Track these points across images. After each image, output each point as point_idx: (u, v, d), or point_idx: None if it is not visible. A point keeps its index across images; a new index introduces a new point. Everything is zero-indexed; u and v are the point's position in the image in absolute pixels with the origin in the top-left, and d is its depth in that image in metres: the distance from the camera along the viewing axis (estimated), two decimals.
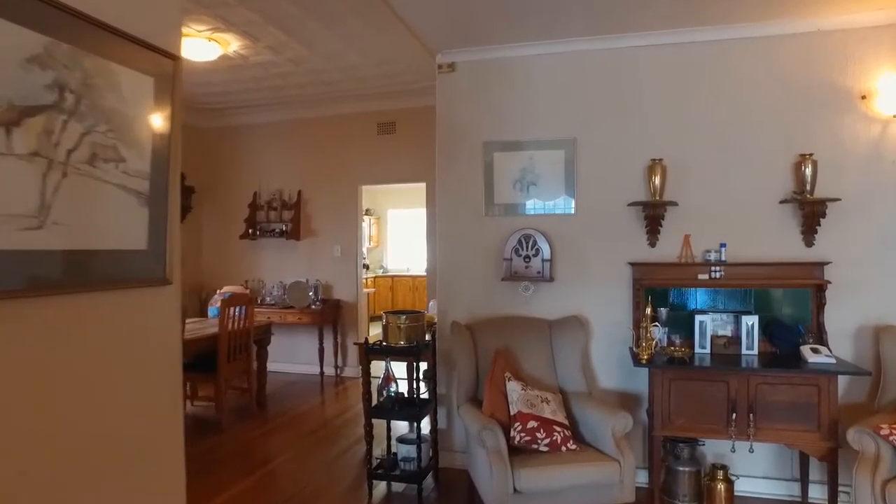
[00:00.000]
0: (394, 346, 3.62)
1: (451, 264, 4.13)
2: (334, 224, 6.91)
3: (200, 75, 5.55)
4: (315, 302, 6.64)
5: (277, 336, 7.00)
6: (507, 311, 3.97)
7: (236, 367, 5.15)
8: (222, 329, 4.88)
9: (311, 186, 6.98)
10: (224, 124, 7.24)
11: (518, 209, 3.97)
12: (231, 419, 5.19)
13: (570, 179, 3.87)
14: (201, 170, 7.23)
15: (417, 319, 3.68)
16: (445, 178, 4.14)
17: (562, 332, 3.69)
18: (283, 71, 5.47)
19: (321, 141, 6.91)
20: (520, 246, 3.85)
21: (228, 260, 7.28)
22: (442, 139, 4.14)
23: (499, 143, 3.99)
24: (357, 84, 5.95)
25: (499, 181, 4.00)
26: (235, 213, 7.12)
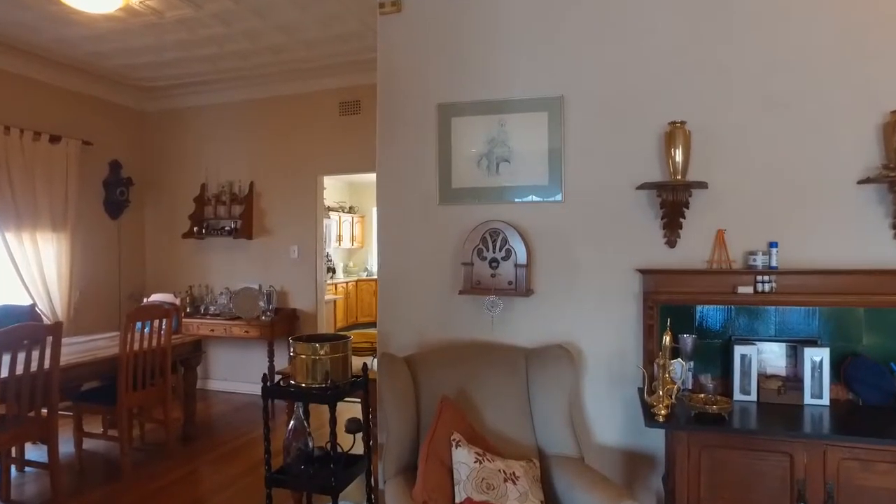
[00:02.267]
0: (304, 386, 2.56)
1: (394, 271, 3.06)
2: (291, 221, 5.87)
3: (112, 38, 4.54)
4: (266, 312, 5.59)
5: (223, 351, 6.04)
6: (467, 336, 2.90)
7: (149, 395, 4.11)
8: (122, 350, 3.85)
9: (264, 177, 5.95)
10: (166, 107, 6.23)
11: (484, 195, 2.89)
12: (142, 459, 4.16)
13: (556, 154, 2.79)
14: (142, 159, 6.24)
15: (339, 349, 2.61)
16: (387, 156, 3.07)
17: (542, 368, 2.60)
18: (212, 33, 4.45)
19: (276, 125, 5.88)
20: (484, 246, 2.77)
21: (172, 262, 6.27)
22: (384, 103, 3.07)
23: (458, 106, 2.91)
24: (309, 52, 4.91)
25: (458, 157, 2.92)
26: (182, 208, 6.11)
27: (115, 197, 5.88)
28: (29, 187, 5.00)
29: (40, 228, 5.10)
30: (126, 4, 3.87)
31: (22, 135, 4.95)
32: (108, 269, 5.89)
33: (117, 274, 6.00)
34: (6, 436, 3.23)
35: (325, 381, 2.53)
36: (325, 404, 2.49)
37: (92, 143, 5.58)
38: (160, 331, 4.13)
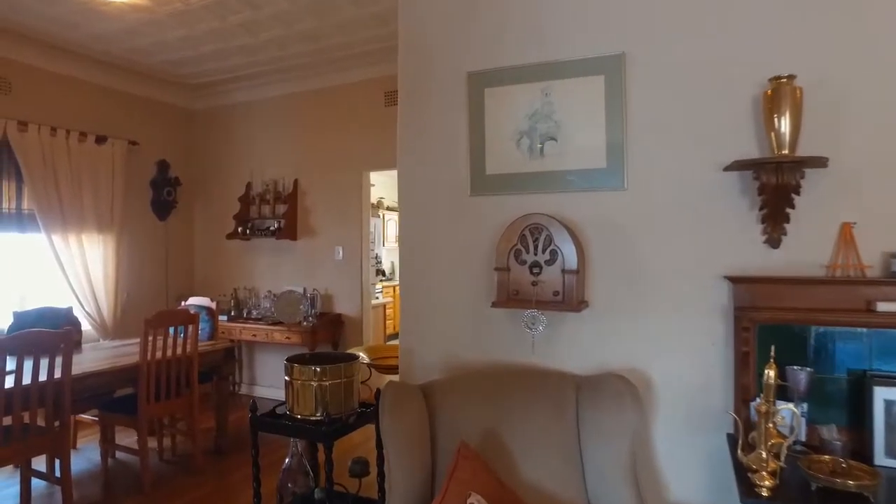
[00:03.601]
0: (300, 418, 2.11)
1: (417, 278, 2.55)
2: (336, 220, 5.51)
3: (146, 31, 4.34)
4: (308, 317, 5.26)
5: (269, 356, 5.77)
6: (502, 358, 2.34)
7: (174, 405, 3.84)
8: (142, 358, 3.58)
9: (308, 175, 5.63)
10: (212, 105, 6.06)
11: (525, 183, 2.33)
12: (169, 473, 3.90)
13: (617, 128, 2.18)
14: (189, 158, 6.10)
15: (343, 373, 2.14)
16: (410, 140, 2.57)
17: (598, 404, 2.00)
18: (242, 18, 4.13)
19: (319, 119, 5.54)
20: (523, 246, 2.20)
21: (220, 264, 6.09)
22: (405, 75, 2.57)
23: (491, 73, 2.36)
24: (345, 37, 4.51)
25: (493, 137, 2.37)
26: (228, 208, 5.91)
27: (163, 197, 5.75)
28: (75, 189, 4.92)
29: (86, 230, 5.01)
30: None
31: (68, 136, 4.87)
32: (155, 271, 5.77)
33: (164, 276, 5.87)
34: (8, 450, 3.00)
35: (323, 414, 2.06)
36: (319, 442, 2.02)
37: (138, 143, 5.46)
38: (185, 337, 3.84)
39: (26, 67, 4.66)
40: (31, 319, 4.01)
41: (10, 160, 4.53)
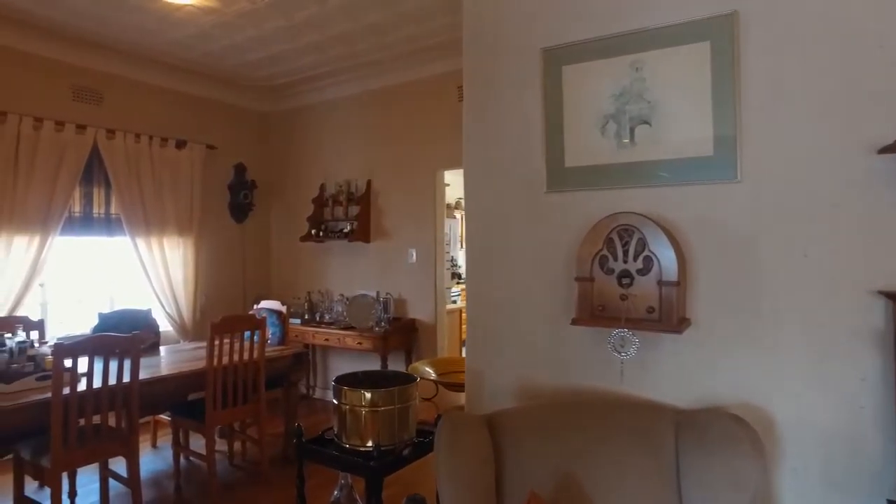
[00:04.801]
0: (348, 446, 1.86)
1: (486, 288, 2.24)
2: (409, 222, 5.30)
3: (218, 34, 4.32)
4: (380, 322, 5.08)
5: (342, 360, 5.66)
6: (584, 384, 1.98)
7: (241, 412, 3.76)
8: (209, 364, 3.51)
9: (381, 175, 5.46)
10: (286, 107, 6.05)
11: (611, 176, 1.95)
12: (237, 480, 3.83)
13: (727, 106, 1.76)
14: (265, 161, 6.13)
15: (397, 398, 1.87)
16: (477, 130, 2.26)
17: (704, 446, 1.60)
18: (308, 15, 4.00)
19: (391, 117, 5.36)
20: (610, 252, 1.83)
21: (295, 267, 6.07)
22: (470, 56, 2.27)
23: (571, 48, 2.01)
24: (414, 28, 4.27)
25: (573, 123, 2.02)
26: (303, 210, 5.87)
27: (240, 200, 5.80)
28: (157, 193, 5.02)
29: (167, 233, 5.11)
30: None
31: (151, 142, 4.98)
32: (232, 274, 5.83)
33: (242, 278, 5.93)
34: (83, 451, 3.00)
35: (374, 444, 1.80)
36: (364, 477, 1.76)
37: (216, 147, 5.53)
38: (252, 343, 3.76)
39: (114, 78, 4.81)
40: (113, 321, 4.09)
41: (99, 167, 4.68)
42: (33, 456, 2.98)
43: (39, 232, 4.24)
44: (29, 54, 4.30)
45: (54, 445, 2.83)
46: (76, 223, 4.57)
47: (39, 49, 4.33)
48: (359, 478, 1.89)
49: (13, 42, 4.20)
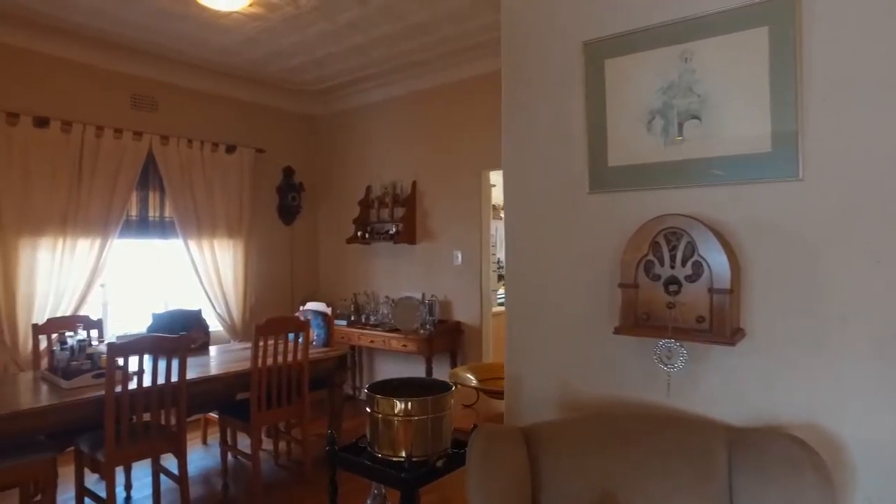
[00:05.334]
0: (380, 456, 1.82)
1: (526, 292, 2.15)
2: (454, 223, 5.25)
3: (263, 40, 4.40)
4: (425, 325, 5.05)
5: (388, 362, 5.67)
6: (628, 396, 1.87)
7: (285, 412, 3.79)
8: (253, 365, 3.56)
9: (426, 176, 5.43)
10: (333, 110, 6.11)
11: (658, 176, 1.83)
12: (282, 479, 3.89)
13: (787, 97, 1.61)
14: (312, 164, 6.22)
15: (430, 408, 1.82)
16: (515, 128, 2.18)
17: (761, 470, 1.47)
18: (349, 17, 4.01)
19: (436, 117, 5.33)
20: (656, 257, 1.71)
21: (342, 268, 6.13)
22: (509, 50, 2.19)
23: (614, 41, 1.90)
24: (456, 27, 4.21)
25: (617, 119, 1.91)
26: (350, 212, 5.91)
27: (288, 203, 5.90)
28: (208, 196, 5.16)
29: (218, 235, 5.24)
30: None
31: (202, 147, 5.12)
32: (281, 275, 5.94)
33: (290, 279, 6.03)
34: (135, 448, 3.09)
35: (406, 455, 1.75)
36: (397, 489, 1.71)
37: (265, 151, 5.64)
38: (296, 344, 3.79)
39: (168, 86, 4.98)
40: (166, 321, 4.22)
41: (154, 172, 4.85)
42: (91, 449, 3.09)
43: (100, 235, 4.43)
44: (90, 66, 4.50)
45: (107, 441, 2.93)
46: (133, 226, 4.76)
47: (100, 61, 4.53)
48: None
49: (75, 55, 4.40)
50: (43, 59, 4.27)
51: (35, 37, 4.17)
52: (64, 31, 4.21)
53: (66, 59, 4.37)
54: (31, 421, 2.77)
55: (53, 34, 4.21)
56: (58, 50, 4.31)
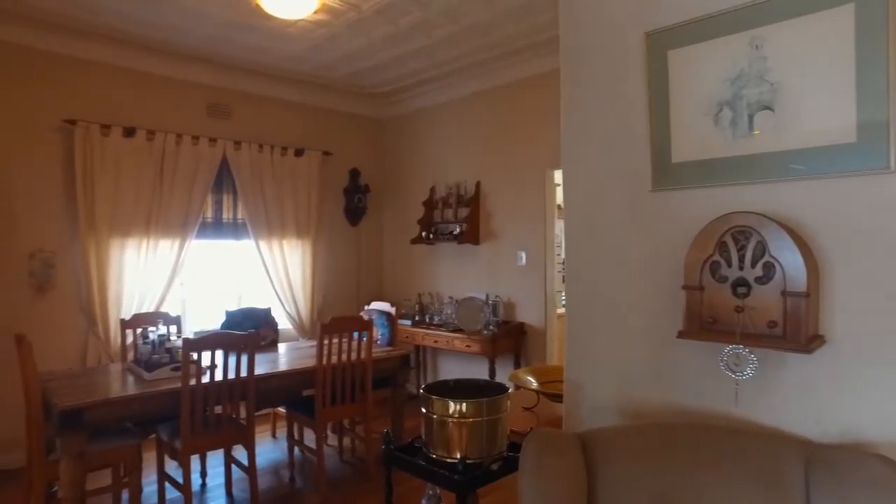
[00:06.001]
0: (435, 457, 1.82)
1: (586, 294, 2.09)
2: (518, 223, 5.19)
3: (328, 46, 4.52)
4: (489, 325, 5.02)
5: (452, 362, 5.68)
6: (692, 405, 1.76)
7: (349, 410, 3.87)
8: (319, 363, 3.66)
9: (490, 176, 5.40)
10: (398, 112, 6.20)
11: (725, 171, 1.72)
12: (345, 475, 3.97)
13: (876, 82, 1.47)
14: (378, 165, 6.34)
15: (486, 410, 1.80)
16: (574, 123, 2.12)
17: (844, 493, 1.35)
18: (412, 20, 4.05)
19: (499, 117, 5.29)
20: (723, 257, 1.61)
21: (406, 268, 6.20)
22: (567, 44, 2.13)
23: (677, 30, 1.80)
24: (517, 25, 4.16)
25: (681, 113, 1.81)
26: (414, 213, 5.98)
27: (354, 204, 6.04)
28: (278, 198, 5.36)
29: (287, 236, 5.43)
30: (323, 4, 3.71)
31: (272, 151, 5.33)
32: (347, 275, 6.08)
33: (356, 279, 6.16)
34: (208, 438, 3.25)
35: (461, 456, 1.74)
36: (451, 491, 1.69)
37: (332, 154, 5.79)
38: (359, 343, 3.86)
39: (240, 93, 5.22)
40: (237, 318, 4.42)
41: (228, 176, 5.09)
42: (169, 437, 3.28)
43: (179, 236, 4.70)
44: (171, 78, 4.79)
45: (183, 430, 3.10)
46: (208, 228, 5.01)
47: (179, 73, 4.81)
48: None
49: (157, 69, 4.70)
50: (130, 73, 4.59)
51: (124, 54, 4.49)
52: (149, 48, 4.51)
53: (149, 73, 4.67)
54: (119, 408, 2.97)
55: (139, 50, 4.51)
56: (143, 65, 4.62)
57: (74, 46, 4.29)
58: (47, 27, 4.08)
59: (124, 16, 3.95)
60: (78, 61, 4.35)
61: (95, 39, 4.31)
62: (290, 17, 3.78)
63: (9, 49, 4.06)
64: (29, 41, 4.12)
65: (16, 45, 4.09)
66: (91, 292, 4.30)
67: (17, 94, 4.12)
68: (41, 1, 3.74)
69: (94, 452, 2.97)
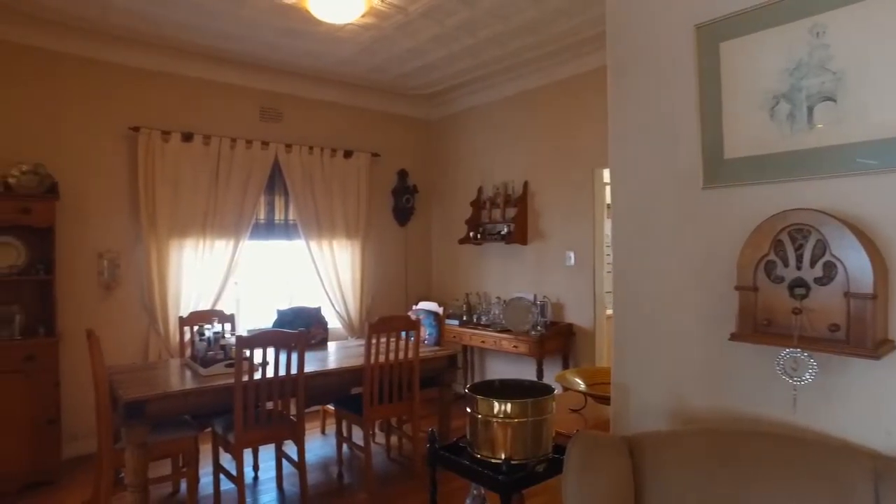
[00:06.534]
0: (479, 457, 1.81)
1: (633, 294, 2.03)
2: (566, 223, 5.12)
3: (378, 49, 4.58)
4: (536, 326, 4.97)
5: (500, 362, 5.65)
6: (746, 411, 1.69)
7: (396, 408, 3.91)
8: (367, 362, 3.71)
9: (538, 175, 5.35)
10: (445, 112, 6.22)
11: (781, 167, 1.64)
12: (393, 473, 4.01)
13: None
14: (426, 166, 6.38)
15: (531, 410, 1.78)
16: (622, 120, 2.07)
17: None
18: (459, 20, 4.05)
19: (547, 116, 5.23)
20: (779, 257, 1.53)
21: (454, 269, 6.22)
22: (615, 39, 2.08)
23: (730, 21, 1.73)
24: (568, 22, 4.10)
25: (734, 107, 1.74)
26: (462, 213, 5.99)
27: (402, 204, 6.09)
28: (327, 200, 5.48)
29: (336, 237, 5.54)
30: (370, 8, 3.76)
31: (322, 153, 5.45)
32: (396, 275, 6.14)
33: (404, 279, 6.22)
34: (260, 433, 3.35)
35: (505, 457, 1.73)
36: (495, 492, 1.68)
37: (380, 155, 5.87)
38: (408, 342, 3.89)
39: (291, 97, 5.36)
40: (289, 317, 4.53)
41: (279, 179, 5.24)
42: (223, 431, 3.40)
43: (233, 236, 4.86)
44: (226, 84, 4.97)
45: (237, 424, 3.20)
46: (261, 228, 5.17)
47: (234, 79, 4.99)
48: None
49: (214, 76, 4.88)
50: (188, 81, 4.79)
51: (182, 63, 4.69)
52: (206, 56, 4.69)
53: (205, 80, 4.87)
54: (177, 402, 3.10)
55: (196, 59, 4.70)
56: (200, 73, 4.81)
57: (139, 58, 4.51)
58: (115, 41, 4.32)
59: (187, 27, 4.13)
60: (142, 72, 4.57)
61: (158, 51, 4.52)
62: (339, 22, 3.85)
63: (83, 63, 4.32)
64: (102, 55, 4.37)
65: (90, 60, 4.35)
66: (152, 291, 4.51)
67: (89, 105, 4.37)
68: (113, 17, 3.96)
69: (156, 443, 3.12)
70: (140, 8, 3.82)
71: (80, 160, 4.32)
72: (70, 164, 4.25)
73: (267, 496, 3.67)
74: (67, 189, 4.14)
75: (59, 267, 4.02)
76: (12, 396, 3.65)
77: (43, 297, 4.00)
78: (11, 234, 3.87)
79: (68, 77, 4.29)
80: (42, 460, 3.75)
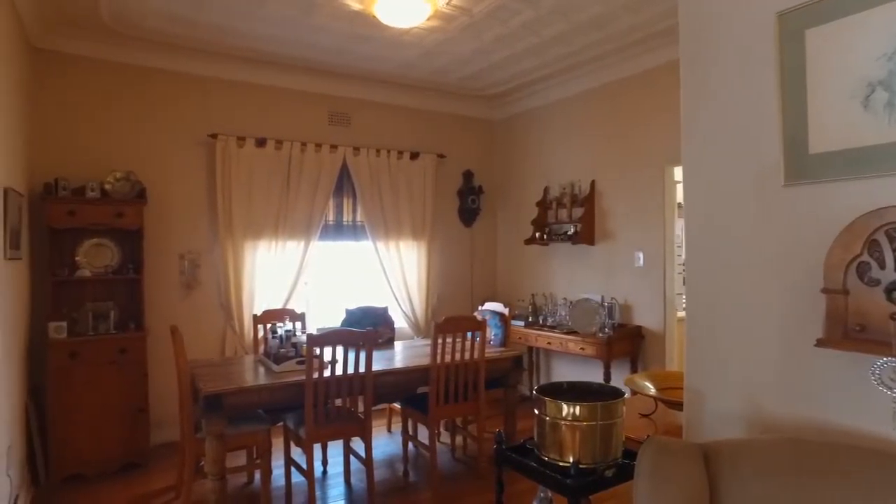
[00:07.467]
0: (547, 459, 1.79)
1: (708, 297, 1.94)
2: (636, 223, 4.97)
3: (441, 51, 4.61)
4: (604, 328, 4.85)
5: (566, 364, 5.56)
6: (834, 422, 1.57)
7: (461, 408, 3.93)
8: (433, 362, 3.74)
9: (605, 174, 5.22)
10: (510, 113, 6.18)
11: (875, 162, 1.52)
12: (457, 472, 4.02)
13: None
14: (491, 167, 6.38)
15: (600, 414, 1.74)
16: (697, 114, 1.98)
17: None
18: (523, 19, 4.01)
19: (614, 113, 5.09)
20: (873, 258, 1.42)
21: (519, 269, 6.17)
22: (689, 29, 2.00)
23: (818, 5, 1.62)
24: (635, 16, 3.97)
25: (820, 98, 1.63)
26: (527, 213, 5.93)
27: (468, 205, 6.11)
28: (394, 201, 5.57)
29: (403, 237, 5.62)
30: (436, 11, 3.79)
31: (389, 155, 5.54)
32: (462, 275, 6.16)
33: (470, 280, 6.23)
34: (329, 429, 3.44)
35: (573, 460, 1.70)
36: (562, 496, 1.66)
37: (445, 156, 5.91)
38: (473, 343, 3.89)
39: (358, 101, 5.49)
40: (356, 316, 4.64)
41: (347, 181, 5.38)
42: (294, 426, 3.53)
43: (304, 237, 5.04)
44: (297, 91, 5.17)
45: (307, 420, 3.31)
46: (330, 230, 5.33)
47: (304, 85, 5.17)
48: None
49: (286, 83, 5.08)
50: (261, 89, 5.01)
51: (256, 72, 4.91)
52: (278, 64, 4.89)
53: (277, 87, 5.07)
54: (252, 396, 3.24)
55: (269, 67, 4.91)
56: (272, 80, 5.02)
57: (216, 68, 4.76)
58: (196, 53, 4.58)
59: (262, 37, 4.32)
60: (220, 82, 4.82)
61: (234, 62, 4.75)
62: (405, 26, 3.91)
63: (167, 76, 4.62)
64: (184, 68, 4.66)
65: (173, 73, 4.64)
66: (228, 290, 4.74)
67: (172, 114, 4.66)
68: (192, 31, 4.20)
69: (232, 434, 3.27)
70: (229, 24, 4.04)
71: (163, 167, 4.61)
72: (155, 171, 4.54)
73: (335, 490, 3.77)
74: (153, 194, 4.43)
75: (145, 267, 4.29)
76: (110, 386, 3.96)
77: (132, 294, 4.30)
78: (107, 237, 4.19)
79: (154, 90, 4.59)
80: (134, 446, 4.04)
